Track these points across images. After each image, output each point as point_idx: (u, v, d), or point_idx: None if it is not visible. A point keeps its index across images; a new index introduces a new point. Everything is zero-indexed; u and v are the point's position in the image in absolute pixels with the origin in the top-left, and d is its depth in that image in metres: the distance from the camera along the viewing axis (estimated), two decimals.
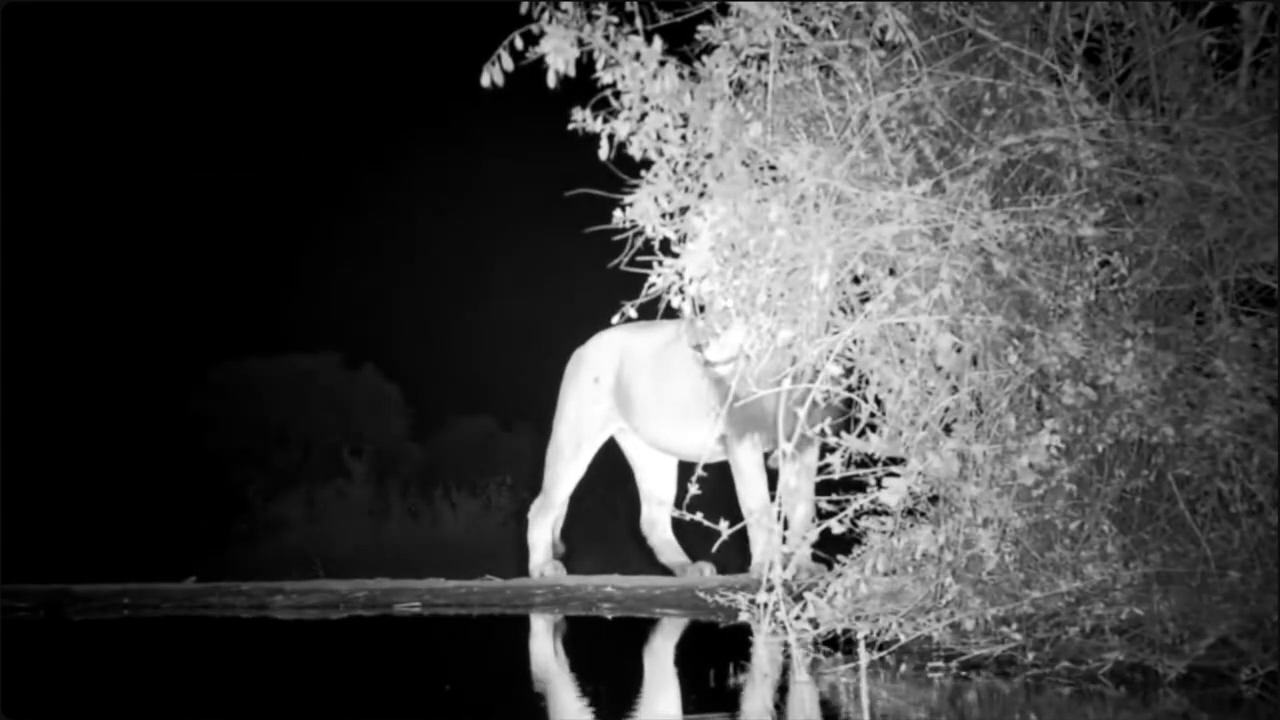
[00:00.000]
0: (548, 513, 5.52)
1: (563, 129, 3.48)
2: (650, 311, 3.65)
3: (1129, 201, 3.48)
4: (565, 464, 5.48)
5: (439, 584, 5.14)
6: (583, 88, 3.46)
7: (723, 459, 4.96)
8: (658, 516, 5.49)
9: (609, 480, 6.19)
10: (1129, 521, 3.44)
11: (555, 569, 5.42)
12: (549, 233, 6.14)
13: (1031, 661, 3.27)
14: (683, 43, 3.53)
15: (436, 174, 9.79)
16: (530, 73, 3.39)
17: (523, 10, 3.40)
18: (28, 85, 8.03)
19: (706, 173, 3.50)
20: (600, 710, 3.19)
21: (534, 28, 3.39)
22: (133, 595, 5.20)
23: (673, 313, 3.65)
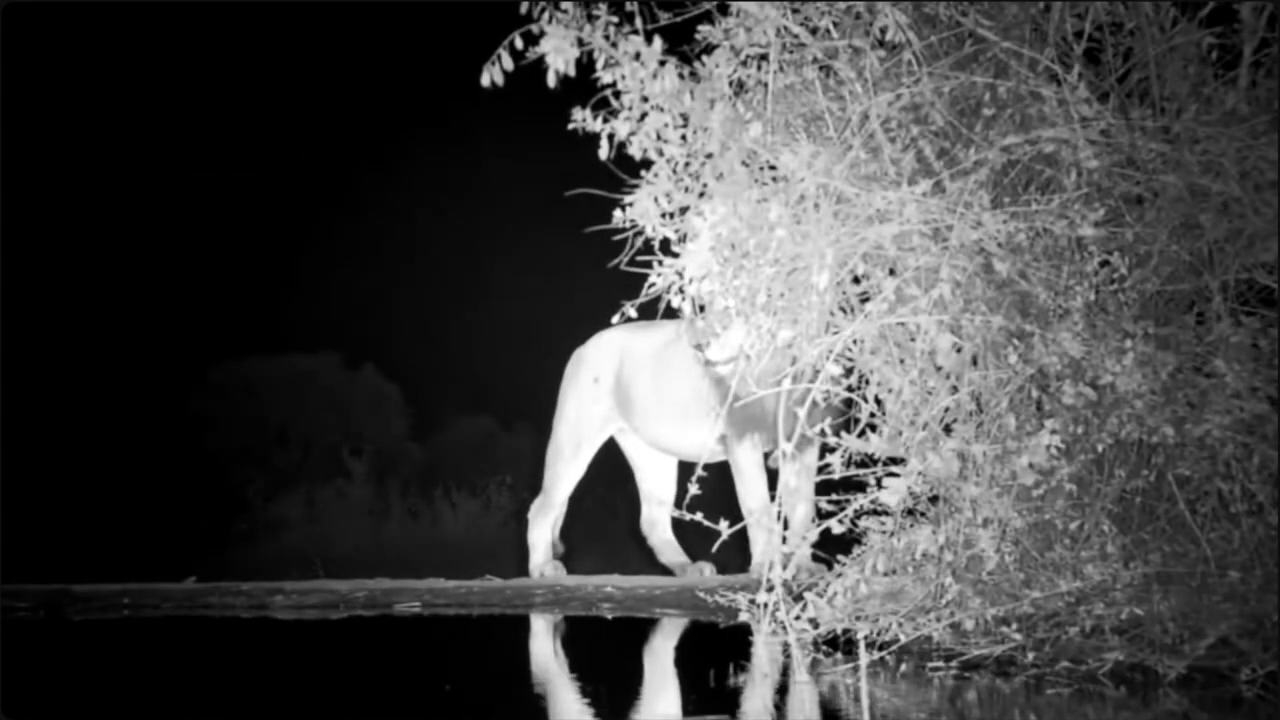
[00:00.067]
0: (548, 513, 5.52)
1: (563, 129, 3.48)
2: (650, 311, 3.65)
3: (1129, 201, 3.48)
4: (565, 464, 5.48)
5: (439, 584, 5.14)
6: (583, 88, 3.46)
7: (723, 459, 4.95)
8: (658, 516, 5.49)
9: (609, 480, 6.19)
10: (1129, 521, 3.44)
11: (555, 569, 5.42)
12: (549, 233, 6.13)
13: (1031, 661, 3.27)
14: (683, 43, 3.53)
15: (436, 174, 9.79)
16: (530, 73, 3.39)
17: (523, 10, 3.40)
18: (28, 85, 8.02)
19: (706, 173, 3.50)
20: (600, 710, 3.19)
21: (534, 28, 3.39)
22: (133, 595, 5.20)
23: (673, 313, 3.65)
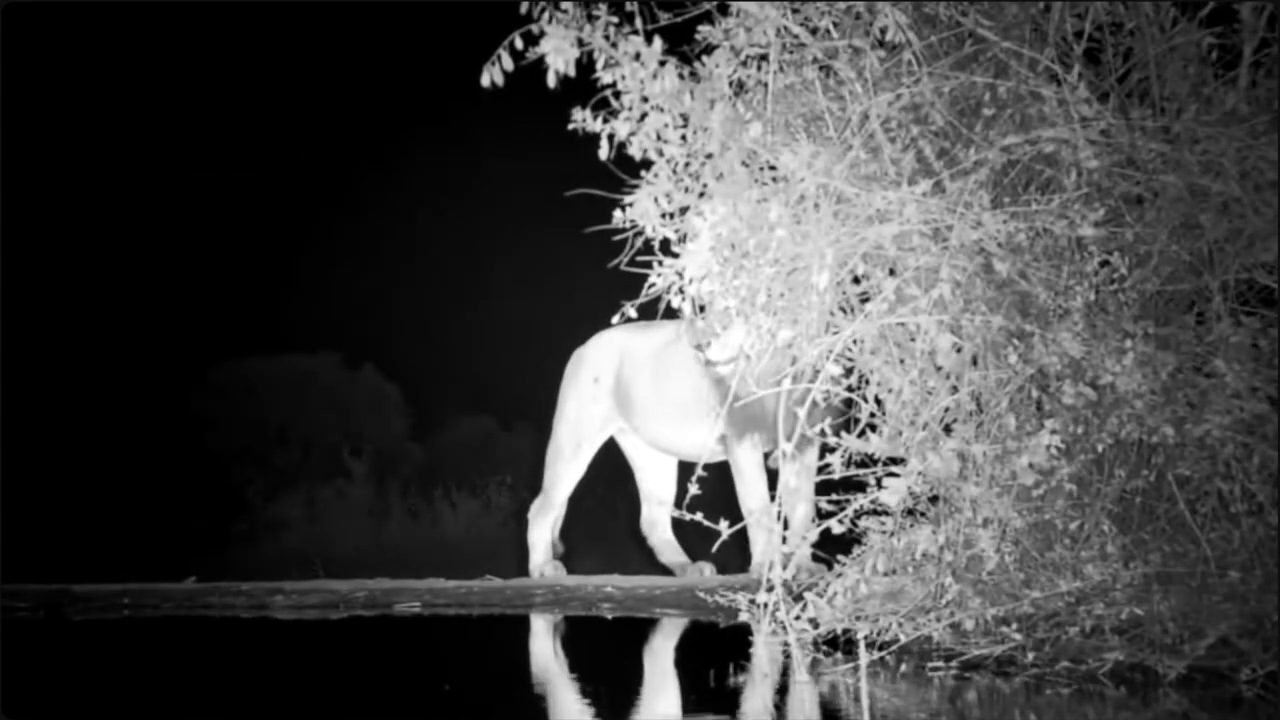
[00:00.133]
0: (548, 513, 5.52)
1: (563, 129, 3.48)
2: (650, 311, 3.65)
3: (1129, 201, 3.48)
4: (565, 464, 5.48)
5: (439, 584, 5.13)
6: (583, 88, 3.46)
7: (723, 459, 4.95)
8: (658, 516, 5.49)
9: (609, 480, 6.19)
10: (1129, 521, 3.44)
11: (555, 569, 5.42)
12: (549, 233, 6.13)
13: (1031, 661, 3.27)
14: (683, 43, 3.53)
15: (436, 174, 9.79)
16: (530, 73, 3.39)
17: (523, 10, 3.40)
18: (28, 85, 8.02)
19: (706, 173, 3.50)
20: (600, 710, 3.19)
21: (534, 28, 3.39)
22: (133, 595, 5.19)
23: (673, 313, 3.65)
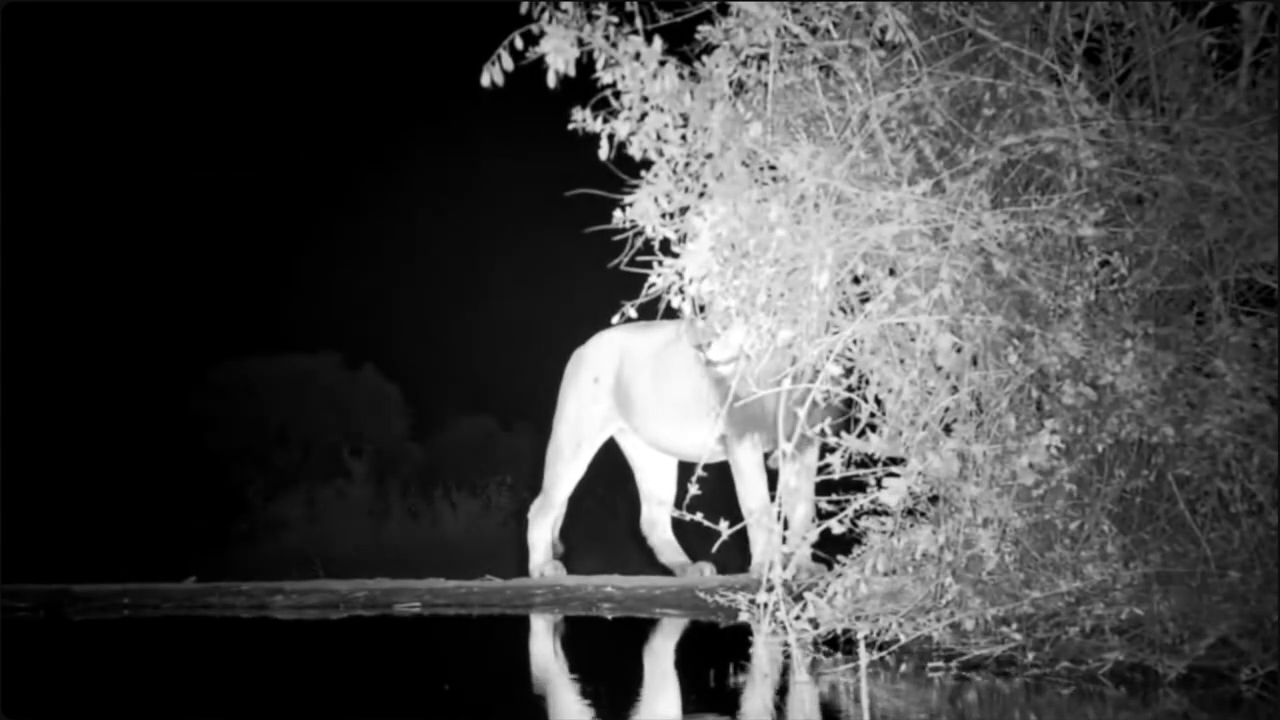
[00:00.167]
0: (548, 513, 5.52)
1: (563, 129, 3.48)
2: (650, 311, 3.65)
3: (1129, 201, 3.48)
4: (565, 464, 5.48)
5: (439, 584, 5.13)
6: (583, 88, 3.46)
7: (723, 459, 4.95)
8: (658, 516, 5.49)
9: (609, 480, 6.19)
10: (1129, 521, 3.44)
11: (555, 569, 5.42)
12: (549, 233, 6.13)
13: (1031, 661, 3.26)
14: (683, 43, 3.53)
15: (436, 174, 9.79)
16: (530, 73, 3.39)
17: (523, 10, 3.40)
18: (28, 85, 8.02)
19: (706, 173, 3.50)
20: (600, 710, 3.19)
21: (534, 28, 3.39)
22: (133, 595, 5.19)
23: (673, 313, 3.65)
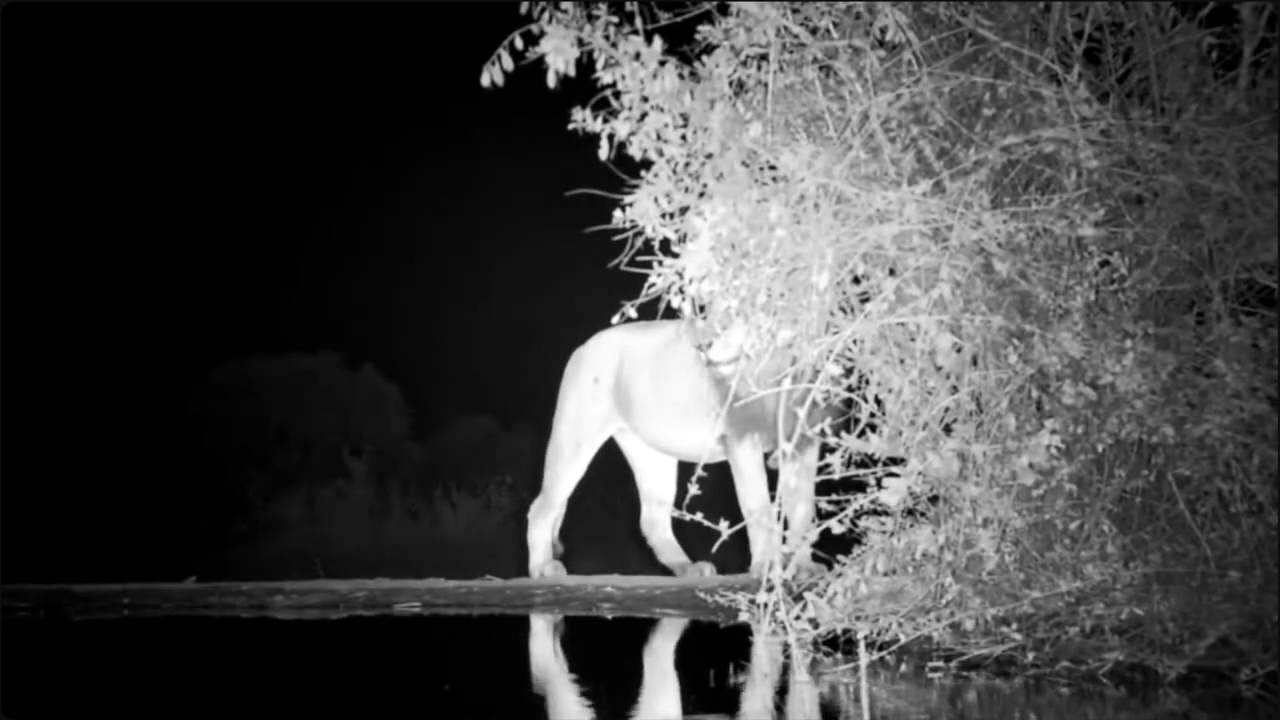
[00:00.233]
0: (548, 513, 5.52)
1: (563, 129, 3.48)
2: (650, 311, 3.65)
3: (1129, 201, 3.48)
4: (565, 464, 5.48)
5: (439, 584, 5.13)
6: (583, 88, 3.46)
7: (723, 459, 4.95)
8: (658, 516, 5.49)
9: (609, 480, 6.19)
10: (1129, 521, 3.44)
11: (555, 569, 5.42)
12: (549, 233, 6.13)
13: (1031, 661, 3.27)
14: (683, 43, 3.53)
15: (436, 174, 9.79)
16: (530, 73, 3.39)
17: (523, 10, 3.40)
18: (28, 85, 8.02)
19: (706, 173, 3.50)
20: (600, 710, 3.19)
21: (534, 28, 3.39)
22: (133, 595, 5.20)
23: (673, 313, 3.65)
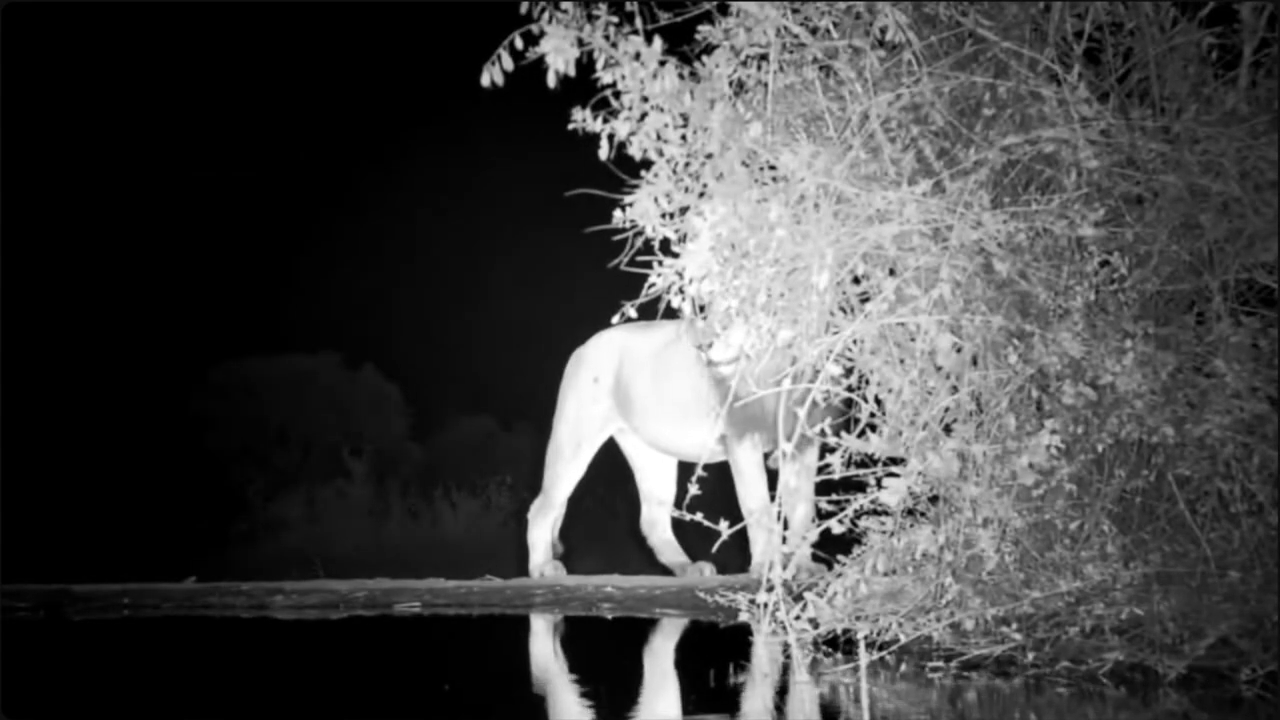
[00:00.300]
0: (547, 513, 5.52)
1: (563, 129, 3.48)
2: (650, 311, 3.65)
3: (1129, 201, 3.48)
4: (565, 464, 5.48)
5: (439, 584, 5.13)
6: (583, 88, 3.46)
7: (723, 459, 4.95)
8: (658, 516, 5.49)
9: (609, 480, 6.19)
10: (1129, 521, 3.44)
11: (555, 569, 5.42)
12: (549, 233, 6.14)
13: (1031, 661, 3.26)
14: (683, 43, 3.53)
15: (436, 174, 9.80)
16: (530, 73, 3.39)
17: (523, 10, 3.40)
18: (28, 85, 8.03)
19: (706, 173, 3.50)
20: (600, 710, 3.19)
21: (534, 28, 3.39)
22: (133, 595, 5.20)
23: (673, 313, 3.65)
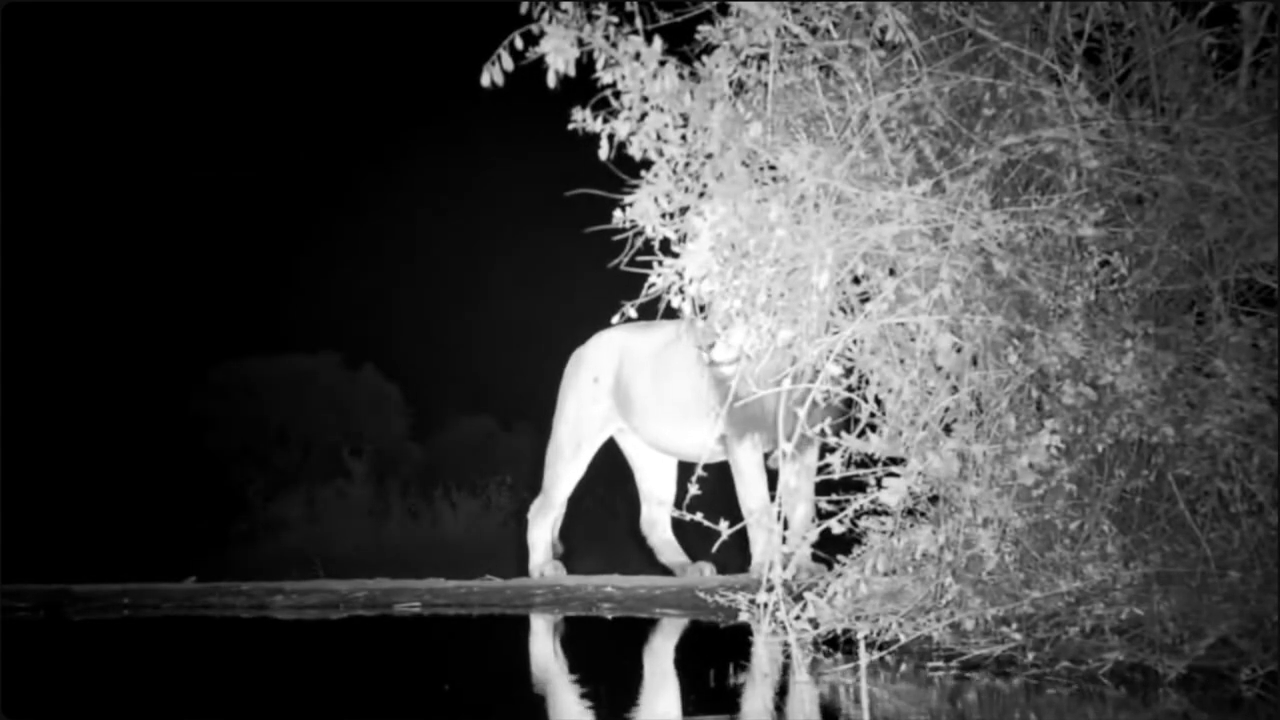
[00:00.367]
0: (547, 513, 5.52)
1: (563, 129, 3.48)
2: (650, 311, 3.65)
3: (1129, 201, 3.48)
4: (565, 464, 5.48)
5: (439, 584, 5.14)
6: (583, 88, 3.46)
7: (723, 459, 4.95)
8: (658, 516, 5.49)
9: (609, 480, 6.19)
10: (1129, 521, 3.44)
11: (555, 569, 5.42)
12: (549, 233, 6.14)
13: (1031, 661, 3.26)
14: (683, 43, 3.53)
15: (436, 174, 9.81)
16: (530, 73, 3.39)
17: (523, 10, 3.40)
18: (28, 85, 8.03)
19: (706, 173, 3.50)
20: (600, 710, 3.19)
21: (534, 28, 3.39)
22: (133, 595, 5.20)
23: (673, 313, 3.65)
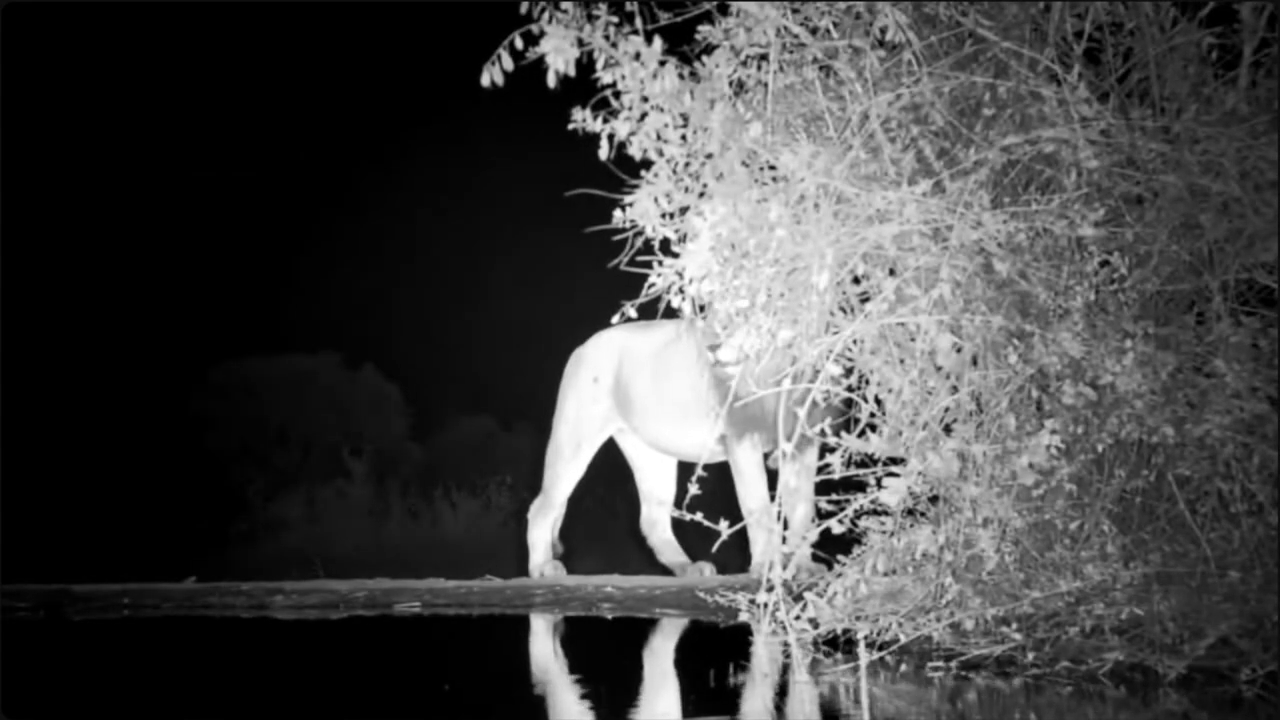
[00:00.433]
0: (547, 513, 5.52)
1: (563, 129, 3.48)
2: (650, 311, 3.65)
3: (1129, 201, 3.48)
4: (565, 464, 5.48)
5: (439, 584, 5.14)
6: (583, 88, 3.46)
7: (723, 459, 4.95)
8: (658, 516, 5.50)
9: (609, 480, 6.19)
10: (1129, 521, 3.44)
11: (555, 569, 5.42)
12: (549, 233, 6.15)
13: (1031, 661, 3.26)
14: (683, 43, 3.53)
15: (436, 174, 9.81)
16: (530, 73, 3.39)
17: (523, 10, 3.40)
18: (28, 85, 8.03)
19: (706, 173, 3.50)
20: (600, 710, 3.19)
21: (534, 28, 3.39)
22: (133, 595, 5.20)
23: (673, 313, 3.65)
